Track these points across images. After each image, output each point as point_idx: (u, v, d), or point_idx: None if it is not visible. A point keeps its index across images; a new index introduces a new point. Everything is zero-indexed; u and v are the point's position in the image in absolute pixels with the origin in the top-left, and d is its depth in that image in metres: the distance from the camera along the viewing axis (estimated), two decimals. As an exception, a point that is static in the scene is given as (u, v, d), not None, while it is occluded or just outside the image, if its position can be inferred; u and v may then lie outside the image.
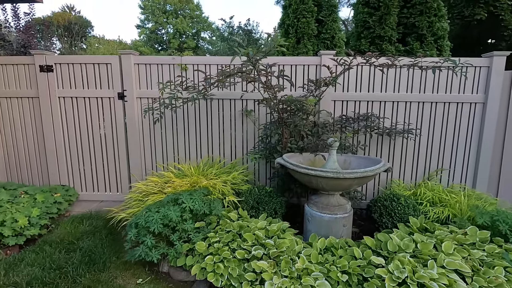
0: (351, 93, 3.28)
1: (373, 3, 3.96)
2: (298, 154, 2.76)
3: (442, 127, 3.29)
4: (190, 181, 2.69)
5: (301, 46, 4.11)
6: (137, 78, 3.41)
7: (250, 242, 2.13)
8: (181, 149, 3.51)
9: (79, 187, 3.66)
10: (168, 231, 2.22)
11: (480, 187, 3.27)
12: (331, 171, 2.09)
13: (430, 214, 2.64)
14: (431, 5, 3.77)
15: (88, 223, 3.01)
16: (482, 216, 2.35)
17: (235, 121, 3.45)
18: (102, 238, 2.69)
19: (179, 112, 3.44)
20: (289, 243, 2.13)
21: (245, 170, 3.30)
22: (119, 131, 3.50)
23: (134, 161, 3.53)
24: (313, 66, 3.28)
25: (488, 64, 3.12)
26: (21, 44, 6.75)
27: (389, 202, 2.62)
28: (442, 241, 2.10)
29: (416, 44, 3.84)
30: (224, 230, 2.29)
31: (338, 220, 2.32)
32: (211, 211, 2.36)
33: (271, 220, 2.48)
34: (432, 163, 3.35)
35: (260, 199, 2.62)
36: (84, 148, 3.57)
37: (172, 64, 3.37)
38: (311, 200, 2.49)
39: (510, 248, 2.10)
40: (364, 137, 3.33)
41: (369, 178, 2.20)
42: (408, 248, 2.03)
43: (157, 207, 2.31)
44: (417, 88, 3.23)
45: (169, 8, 30.66)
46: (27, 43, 6.80)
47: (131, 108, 3.43)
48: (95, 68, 3.41)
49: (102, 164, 3.60)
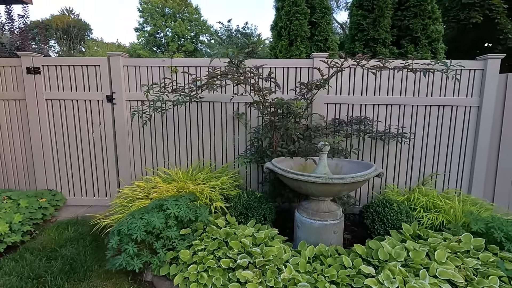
0: (344, 96, 3.22)
1: (367, 6, 3.91)
2: (288, 158, 2.69)
3: (437, 130, 3.23)
4: (177, 186, 2.61)
5: (294, 49, 4.05)
6: (126, 81, 3.35)
7: (236, 250, 2.05)
8: (171, 153, 3.44)
9: (66, 191, 3.57)
10: (151, 238, 2.14)
11: (476, 192, 3.20)
12: (319, 176, 2.02)
13: (424, 220, 2.57)
14: (425, 7, 3.73)
15: (73, 229, 2.92)
16: (476, 223, 2.28)
17: (226, 124, 3.38)
18: (85, 245, 2.60)
19: (169, 115, 3.37)
20: (276, 251, 2.05)
21: (236, 175, 3.23)
22: (108, 135, 3.43)
23: (123, 165, 3.45)
24: (305, 69, 3.23)
25: (482, 67, 3.07)
26: (15, 47, 6.69)
27: (382, 207, 2.55)
28: (435, 249, 2.03)
29: (411, 47, 3.79)
30: (210, 238, 2.22)
31: (328, 227, 2.24)
32: (197, 217, 2.28)
33: (260, 226, 2.41)
34: (427, 168, 3.28)
35: (249, 204, 2.54)
36: (72, 152, 3.49)
37: (162, 66, 3.31)
38: (301, 206, 2.42)
39: (506, 256, 2.03)
40: (357, 141, 3.27)
41: (359, 184, 2.13)
42: (399, 256, 1.95)
43: (141, 214, 2.23)
44: (411, 91, 3.18)
45: (167, 11, 30.76)
46: (21, 45, 6.74)
47: (120, 111, 3.36)
48: (83, 70, 3.34)
49: (91, 168, 3.52)
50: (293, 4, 4.03)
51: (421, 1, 3.70)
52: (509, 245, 2.11)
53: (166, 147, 3.44)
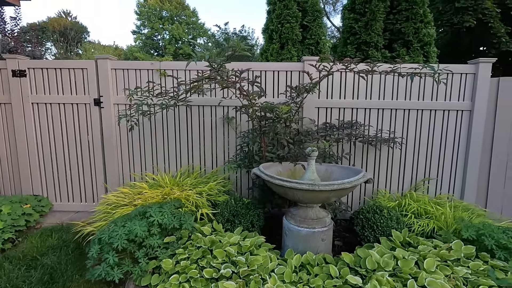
0: (335, 100, 3.18)
1: (359, 9, 3.89)
2: (277, 163, 2.64)
3: (429, 135, 3.19)
4: (163, 193, 2.55)
5: (285, 52, 4.01)
6: (115, 84, 3.29)
7: (220, 259, 1.99)
8: (160, 158, 3.38)
9: (53, 197, 3.49)
10: (133, 247, 2.07)
11: (468, 197, 3.16)
12: (306, 183, 1.97)
13: (415, 227, 2.52)
14: (417, 11, 3.72)
15: (57, 236, 2.84)
16: (467, 230, 2.23)
17: (216, 129, 3.33)
18: (68, 253, 2.53)
19: (158, 119, 3.32)
20: (262, 260, 1.99)
21: (225, 180, 3.17)
22: (95, 139, 3.36)
23: (111, 170, 3.38)
24: (296, 72, 3.19)
25: (474, 71, 3.04)
26: (7, 49, 6.62)
27: (372, 214, 2.49)
28: (425, 257, 1.98)
29: (403, 51, 3.77)
30: (194, 246, 2.15)
31: (316, 235, 2.18)
32: (181, 225, 2.22)
33: (247, 234, 2.34)
34: (419, 173, 3.24)
35: (237, 211, 2.48)
36: (58, 156, 3.42)
37: (151, 69, 3.26)
38: (289, 213, 2.36)
39: (496, 264, 1.98)
40: (349, 146, 3.22)
41: (347, 190, 2.08)
42: (388, 265, 1.90)
43: (124, 221, 2.17)
44: (403, 95, 3.15)
45: (165, 14, 30.78)
46: (13, 47, 6.67)
47: (108, 114, 3.29)
48: (70, 73, 3.28)
49: (78, 173, 3.45)
50: (284, 7, 4.01)
51: (413, 4, 3.69)
52: (500, 253, 2.06)
53: (155, 151, 3.38)
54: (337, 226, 3.07)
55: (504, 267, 1.95)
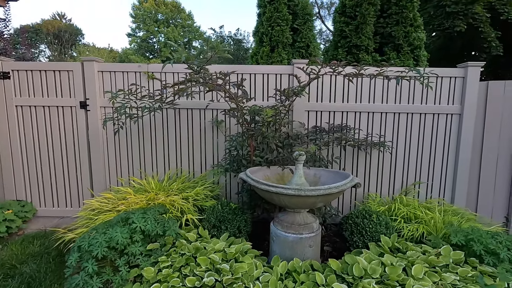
0: (325, 103, 3.16)
1: (350, 13, 3.89)
2: (265, 167, 2.59)
3: (419, 138, 3.18)
4: (147, 198, 2.48)
5: (275, 55, 3.99)
6: (101, 86, 3.23)
7: (204, 267, 1.93)
8: (148, 161, 3.31)
9: (37, 202, 3.40)
10: (114, 254, 2.00)
11: (459, 201, 3.15)
12: (292, 188, 1.93)
13: (404, 232, 2.49)
14: (407, 15, 3.73)
15: (39, 243, 2.76)
16: (456, 235, 2.21)
17: (205, 132, 3.28)
18: (49, 261, 2.44)
19: (146, 123, 3.26)
20: (247, 267, 1.93)
21: (213, 185, 3.12)
22: (81, 142, 3.28)
23: (97, 175, 3.30)
24: (286, 75, 3.16)
25: (463, 74, 3.04)
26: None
27: (361, 219, 2.46)
28: (413, 264, 1.94)
29: (393, 54, 3.77)
30: (178, 253, 2.09)
31: (303, 241, 2.14)
32: (164, 231, 2.16)
33: (233, 240, 2.29)
34: (410, 176, 3.22)
35: (223, 216, 2.43)
36: (43, 161, 3.33)
37: (138, 72, 3.21)
38: (277, 218, 2.32)
39: (485, 270, 1.95)
40: (339, 150, 3.19)
41: (334, 195, 2.04)
42: (375, 272, 1.85)
43: (105, 228, 2.10)
44: (392, 99, 3.13)
45: (160, 17, 30.76)
46: (2, 49, 6.56)
47: (94, 117, 3.22)
48: (55, 75, 3.21)
49: (63, 178, 3.36)
50: (274, 10, 3.99)
51: (403, 8, 3.70)
52: (488, 258, 2.03)
53: (143, 155, 3.31)
54: (327, 231, 3.03)
55: (492, 273, 1.92)
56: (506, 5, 6.89)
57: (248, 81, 3.16)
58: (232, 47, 18.62)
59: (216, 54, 1.59)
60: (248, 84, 3.16)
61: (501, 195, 3.19)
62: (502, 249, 2.03)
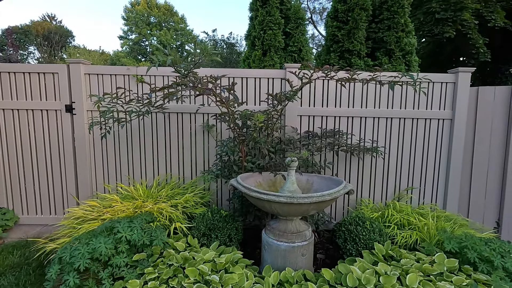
0: (317, 108, 3.13)
1: (342, 17, 3.90)
2: (257, 174, 2.53)
3: (411, 143, 3.17)
4: (134, 206, 2.39)
5: (268, 59, 3.96)
6: (88, 90, 3.12)
7: (192, 278, 1.84)
8: (137, 167, 3.21)
9: (19, 209, 3.25)
10: (98, 266, 1.90)
11: (451, 206, 3.14)
12: (284, 196, 1.87)
13: (398, 239, 2.45)
14: (399, 20, 3.75)
15: (20, 253, 2.62)
16: (450, 242, 2.18)
17: (195, 137, 3.20)
18: (29, 273, 2.32)
19: (135, 127, 3.16)
20: (238, 278, 1.86)
21: (204, 191, 3.04)
22: (66, 147, 3.16)
23: (83, 181, 3.18)
24: (278, 79, 3.12)
25: (453, 80, 3.06)
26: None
27: (354, 226, 2.41)
28: (408, 272, 1.90)
29: (385, 59, 3.78)
30: (166, 264, 2.00)
31: (295, 249, 2.08)
32: (151, 241, 2.07)
33: (224, 249, 2.21)
34: (402, 182, 3.21)
35: (214, 224, 2.35)
36: (26, 166, 3.20)
37: (127, 75, 3.12)
38: (269, 226, 2.25)
39: (479, 278, 1.92)
40: (331, 155, 3.16)
41: (327, 203, 1.99)
42: (369, 282, 1.80)
43: (88, 238, 2.00)
44: (385, 104, 3.12)
45: (153, 20, 30.60)
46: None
47: (80, 121, 3.11)
48: (40, 77, 3.09)
49: (47, 184, 3.23)
50: (266, 13, 3.97)
51: (394, 14, 3.72)
52: (482, 266, 2.01)
53: (131, 161, 3.21)
54: (320, 237, 2.98)
55: (487, 281, 1.90)
56: (493, 13, 7.06)
57: (239, 85, 3.11)
58: (225, 50, 18.63)
59: (205, 58, 1.54)
60: (240, 88, 3.11)
61: (492, 199, 3.20)
62: (496, 256, 2.01)
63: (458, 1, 6.81)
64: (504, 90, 3.10)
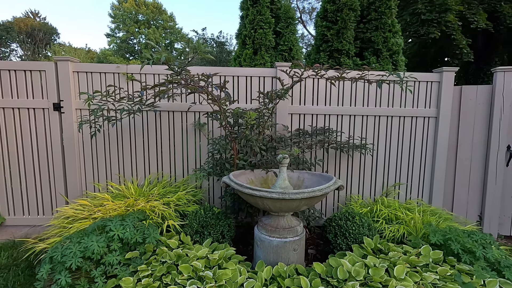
0: (308, 106, 3.18)
1: (331, 17, 3.97)
2: (249, 171, 2.56)
3: (398, 141, 3.27)
4: (126, 204, 2.38)
5: (258, 58, 4.00)
6: (77, 88, 3.08)
7: (186, 275, 1.86)
8: (127, 166, 3.19)
9: (5, 210, 3.18)
10: (90, 265, 1.89)
11: (436, 201, 3.25)
12: (276, 192, 1.91)
13: (386, 233, 2.53)
14: (386, 21, 3.85)
15: (7, 254, 2.56)
16: (435, 235, 2.27)
17: (187, 135, 3.20)
18: (17, 274, 2.27)
19: (125, 126, 3.13)
20: (231, 273, 1.89)
21: (196, 189, 3.04)
22: (54, 146, 3.11)
23: (73, 180, 3.13)
24: (269, 78, 3.16)
25: (438, 79, 3.16)
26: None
27: (344, 221, 2.47)
28: (395, 264, 1.97)
29: (373, 59, 3.87)
30: (159, 261, 2.01)
31: (287, 245, 2.12)
32: (144, 238, 2.07)
33: (216, 246, 2.23)
34: (390, 178, 3.30)
35: (206, 222, 2.37)
36: (12, 166, 3.12)
37: (117, 73, 3.09)
38: (261, 222, 2.29)
39: (463, 268, 2.01)
40: (322, 152, 3.22)
41: (318, 198, 2.04)
42: (359, 275, 1.86)
43: (80, 237, 1.98)
44: (373, 102, 3.20)
45: (141, 18, 30.11)
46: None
47: (69, 120, 3.06)
48: (26, 75, 3.03)
49: (35, 184, 3.16)
50: (257, 12, 4.00)
51: (382, 15, 3.82)
52: (465, 257, 2.10)
53: (122, 159, 3.18)
54: (311, 233, 3.04)
55: (469, 271, 1.99)
56: (476, 15, 7.31)
57: (231, 84, 3.13)
58: (215, 49, 18.55)
59: (198, 55, 1.55)
60: (231, 87, 3.13)
61: (474, 194, 3.34)
62: (477, 247, 2.11)
63: (443, 3, 7.02)
64: (485, 89, 3.23)
